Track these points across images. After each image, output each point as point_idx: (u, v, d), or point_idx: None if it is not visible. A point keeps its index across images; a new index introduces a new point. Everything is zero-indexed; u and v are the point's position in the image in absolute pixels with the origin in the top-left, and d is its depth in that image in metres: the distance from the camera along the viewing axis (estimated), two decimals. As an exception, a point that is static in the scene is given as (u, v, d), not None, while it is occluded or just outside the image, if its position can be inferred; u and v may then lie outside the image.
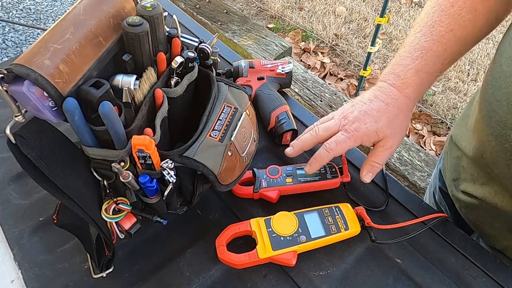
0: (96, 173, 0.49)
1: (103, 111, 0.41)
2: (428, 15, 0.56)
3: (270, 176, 0.62)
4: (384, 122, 0.55)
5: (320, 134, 0.58)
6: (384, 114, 0.55)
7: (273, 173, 0.62)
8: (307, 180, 0.62)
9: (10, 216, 0.59)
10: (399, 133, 0.56)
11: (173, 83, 0.51)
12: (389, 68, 0.58)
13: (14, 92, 0.39)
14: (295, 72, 1.76)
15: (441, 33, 0.54)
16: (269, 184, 0.61)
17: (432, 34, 0.54)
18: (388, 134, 0.55)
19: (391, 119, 0.55)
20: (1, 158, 0.66)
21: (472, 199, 0.60)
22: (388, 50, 2.54)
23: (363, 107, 0.56)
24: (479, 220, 0.63)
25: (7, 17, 2.52)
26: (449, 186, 0.68)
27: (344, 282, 0.53)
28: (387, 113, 0.55)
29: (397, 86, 0.56)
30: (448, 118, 2.09)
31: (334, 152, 0.56)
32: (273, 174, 0.62)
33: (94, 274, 0.53)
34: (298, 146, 0.60)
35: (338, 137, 0.56)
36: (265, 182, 0.61)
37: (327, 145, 0.56)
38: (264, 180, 0.61)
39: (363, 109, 0.56)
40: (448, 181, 0.68)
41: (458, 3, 0.53)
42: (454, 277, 0.53)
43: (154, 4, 0.48)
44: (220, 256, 0.54)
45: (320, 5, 2.84)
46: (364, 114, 0.55)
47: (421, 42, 0.55)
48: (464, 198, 0.62)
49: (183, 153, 0.49)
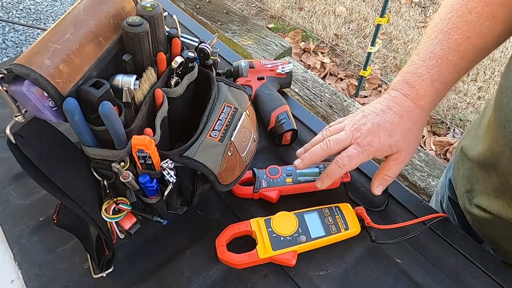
0: (96, 173, 0.49)
1: (103, 111, 0.41)
2: (443, 21, 0.53)
3: (270, 176, 0.62)
4: (398, 136, 0.53)
5: (332, 147, 0.55)
6: (398, 128, 0.53)
7: (273, 173, 0.62)
8: (307, 180, 0.61)
9: (10, 216, 0.59)
10: (413, 146, 0.55)
11: (173, 83, 0.51)
12: (401, 76, 0.55)
13: (14, 92, 0.39)
14: (295, 72, 1.76)
15: (458, 41, 0.51)
16: (269, 184, 0.61)
17: (448, 42, 0.52)
18: (402, 148, 0.53)
19: (405, 132, 0.53)
20: (1, 158, 0.66)
21: (486, 214, 0.58)
22: (388, 50, 2.54)
23: (376, 119, 0.53)
24: (494, 235, 0.61)
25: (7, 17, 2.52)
26: (461, 198, 0.65)
27: (344, 282, 0.53)
28: (402, 126, 0.53)
29: (411, 97, 0.53)
30: (448, 118, 2.09)
31: (346, 168, 0.54)
32: (273, 174, 0.62)
33: (94, 274, 0.53)
34: (308, 159, 0.57)
35: (350, 152, 0.53)
36: (265, 182, 0.61)
37: (339, 161, 0.54)
38: (264, 180, 0.61)
39: (376, 121, 0.53)
40: (460, 192, 0.66)
41: (476, 9, 0.50)
42: (454, 277, 0.53)
43: (154, 4, 0.48)
44: (220, 256, 0.54)
45: (320, 5, 2.84)
46: (378, 127, 0.53)
47: (436, 51, 0.53)
48: (477, 212, 0.60)
49: (183, 153, 0.49)
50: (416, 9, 2.83)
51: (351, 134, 0.54)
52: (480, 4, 0.50)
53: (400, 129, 0.53)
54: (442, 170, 1.55)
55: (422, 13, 2.79)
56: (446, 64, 0.52)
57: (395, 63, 2.45)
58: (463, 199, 0.65)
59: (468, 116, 2.10)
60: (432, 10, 2.79)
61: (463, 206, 0.65)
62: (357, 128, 0.54)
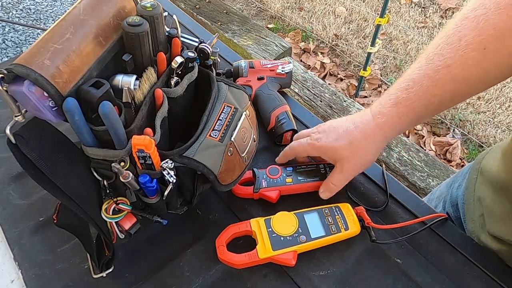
0: (96, 173, 0.49)
1: (103, 111, 0.41)
2: (433, 45, 0.50)
3: (270, 176, 0.62)
4: (344, 142, 0.55)
5: (292, 142, 0.63)
6: (347, 136, 0.55)
7: (273, 173, 0.62)
8: (307, 180, 0.62)
9: (10, 216, 0.59)
10: (358, 161, 0.56)
11: (173, 83, 0.51)
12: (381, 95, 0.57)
13: (14, 92, 0.39)
14: (295, 72, 1.76)
15: (436, 67, 0.48)
16: (269, 184, 0.61)
17: (428, 67, 0.49)
18: (344, 156, 0.55)
19: (351, 142, 0.55)
20: (1, 158, 0.66)
21: (498, 245, 0.56)
22: (388, 50, 2.54)
23: (336, 122, 0.58)
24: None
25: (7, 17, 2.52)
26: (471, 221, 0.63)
27: (344, 282, 0.53)
28: (351, 135, 0.55)
29: (373, 113, 0.54)
30: (448, 118, 2.09)
31: (293, 151, 0.62)
32: (273, 174, 0.62)
33: (94, 274, 0.53)
34: (282, 154, 0.65)
35: (301, 140, 0.61)
36: (265, 182, 0.61)
37: (291, 144, 0.63)
38: (264, 180, 0.61)
39: (334, 124, 0.58)
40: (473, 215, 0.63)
41: (466, 37, 0.46)
42: (454, 277, 0.53)
43: (154, 4, 0.48)
44: (220, 256, 0.54)
45: (320, 5, 2.84)
46: (331, 129, 0.57)
47: (413, 74, 0.51)
48: (488, 242, 0.58)
49: (183, 153, 0.49)
50: (416, 9, 2.83)
51: (312, 129, 0.62)
52: (472, 32, 0.45)
53: (349, 137, 0.55)
54: (441, 170, 1.55)
55: (422, 13, 2.79)
56: (417, 89, 0.50)
57: (395, 63, 2.45)
58: (474, 222, 0.62)
59: (468, 116, 2.10)
60: (432, 10, 2.79)
61: (471, 230, 0.63)
62: (319, 126, 0.61)
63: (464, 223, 0.65)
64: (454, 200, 0.70)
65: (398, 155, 1.59)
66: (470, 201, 0.65)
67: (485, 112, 2.13)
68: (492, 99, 2.19)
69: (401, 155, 1.59)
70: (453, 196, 0.71)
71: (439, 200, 0.75)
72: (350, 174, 0.58)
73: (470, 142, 1.99)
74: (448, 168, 1.57)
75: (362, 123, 0.55)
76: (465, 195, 0.66)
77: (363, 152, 0.55)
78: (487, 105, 2.17)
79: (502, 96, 2.21)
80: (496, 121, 2.08)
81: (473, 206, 0.63)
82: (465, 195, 0.66)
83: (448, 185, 0.75)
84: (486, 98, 2.20)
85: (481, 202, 0.61)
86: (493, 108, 2.15)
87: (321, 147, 0.57)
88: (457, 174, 0.74)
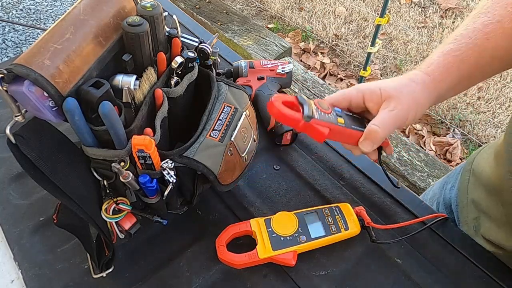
0: (96, 173, 0.49)
1: (103, 111, 0.41)
2: (479, 7, 0.49)
3: (321, 109, 0.48)
4: (390, 84, 0.48)
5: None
6: (394, 80, 0.49)
7: (323, 107, 0.48)
8: (357, 128, 0.50)
9: (10, 216, 0.59)
10: (406, 100, 0.47)
11: (173, 83, 0.51)
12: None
13: (14, 92, 0.39)
14: (295, 72, 1.76)
15: (485, 22, 0.46)
16: (321, 117, 0.47)
17: (475, 23, 0.47)
18: (392, 95, 0.47)
19: (399, 83, 0.48)
20: (1, 158, 0.66)
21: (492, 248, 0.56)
22: (388, 50, 2.54)
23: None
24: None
25: (7, 17, 2.52)
26: (465, 224, 0.63)
27: (344, 282, 0.53)
28: (398, 80, 0.49)
29: (420, 68, 0.50)
30: (448, 118, 2.09)
31: (336, 95, 0.51)
32: (324, 108, 0.48)
33: (94, 274, 0.53)
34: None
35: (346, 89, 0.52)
36: (317, 113, 0.47)
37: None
38: (316, 111, 0.47)
39: (383, 80, 0.51)
40: (466, 218, 0.62)
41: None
42: (454, 277, 0.53)
43: (154, 4, 0.48)
44: (220, 256, 0.54)
45: (320, 5, 2.84)
46: (380, 80, 0.50)
47: (460, 30, 0.48)
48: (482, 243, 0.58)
49: (183, 153, 0.49)
50: (416, 9, 2.83)
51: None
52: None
53: (396, 81, 0.49)
54: (441, 170, 1.55)
55: (422, 13, 2.79)
56: (466, 41, 0.47)
57: (395, 63, 2.45)
58: (468, 225, 0.62)
59: (468, 116, 2.10)
60: (432, 10, 2.79)
61: (465, 232, 0.62)
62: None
63: (458, 225, 0.65)
64: (447, 202, 0.69)
65: (398, 155, 1.59)
66: (464, 203, 0.64)
67: (485, 112, 2.13)
68: (492, 99, 2.19)
69: (401, 155, 1.59)
70: (446, 198, 0.70)
71: (432, 202, 0.75)
72: (398, 113, 0.47)
73: (470, 142, 1.99)
74: (448, 168, 1.57)
75: (409, 74, 0.50)
76: (458, 197, 0.66)
77: (413, 94, 0.48)
78: (487, 105, 2.17)
79: (502, 96, 2.21)
80: (496, 121, 2.08)
81: (467, 209, 0.63)
82: (458, 197, 0.66)
83: (440, 186, 0.74)
84: (486, 98, 2.20)
85: (475, 205, 0.61)
86: (493, 108, 2.15)
87: (367, 88, 0.49)
88: (450, 174, 0.73)
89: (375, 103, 0.49)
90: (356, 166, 0.67)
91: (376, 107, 0.48)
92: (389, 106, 0.47)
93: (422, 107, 0.48)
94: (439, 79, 0.48)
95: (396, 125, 0.48)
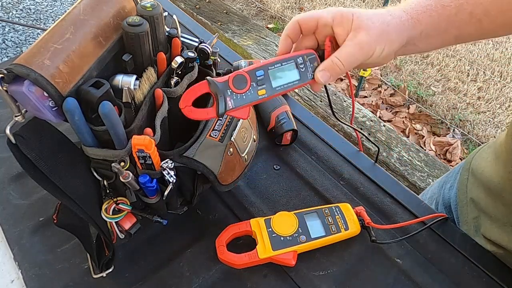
0: (96, 173, 0.49)
1: (103, 111, 0.41)
2: None
3: (237, 91, 0.44)
4: (365, 12, 0.45)
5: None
6: (371, 10, 0.46)
7: (239, 86, 0.44)
8: (286, 87, 0.46)
9: (10, 216, 0.59)
10: (376, 31, 0.44)
11: (173, 83, 0.51)
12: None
13: (14, 92, 0.39)
14: (295, 72, 1.75)
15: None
16: (237, 103, 0.44)
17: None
18: (362, 25, 0.44)
19: (374, 13, 0.45)
20: (1, 158, 0.66)
21: (493, 248, 0.56)
22: (388, 50, 2.54)
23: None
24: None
25: (7, 17, 2.52)
26: (465, 223, 0.63)
27: (344, 282, 0.53)
28: (375, 10, 0.46)
29: (400, 4, 0.47)
30: (448, 118, 2.09)
31: (304, 13, 0.47)
32: (240, 88, 0.44)
33: (94, 274, 0.53)
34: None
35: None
36: (232, 100, 0.44)
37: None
38: (229, 97, 0.44)
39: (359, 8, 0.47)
40: (466, 218, 0.62)
41: None
42: (454, 277, 0.53)
43: (154, 4, 0.48)
44: (220, 256, 0.54)
45: (320, 6, 2.84)
46: (356, 8, 0.47)
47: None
48: (483, 244, 0.58)
49: (183, 153, 0.49)
50: (416, 9, 2.83)
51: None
52: None
53: (372, 11, 0.46)
54: (441, 170, 1.55)
55: (422, 13, 2.79)
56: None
57: (395, 63, 2.45)
58: (468, 225, 0.62)
59: (468, 116, 2.10)
60: (432, 10, 2.79)
61: (465, 232, 0.62)
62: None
63: (458, 225, 0.65)
64: (446, 201, 0.69)
65: (398, 155, 1.59)
66: (463, 203, 0.64)
67: (485, 112, 2.13)
68: (492, 99, 2.19)
69: (401, 155, 1.59)
70: (445, 198, 0.70)
71: (431, 201, 0.74)
72: (363, 48, 0.44)
73: (470, 142, 1.99)
74: (448, 168, 1.57)
75: (389, 7, 0.47)
76: (458, 196, 0.66)
77: (385, 26, 0.45)
78: (487, 105, 2.17)
79: (502, 96, 2.21)
80: (496, 121, 2.08)
81: (466, 208, 0.63)
82: (458, 196, 0.66)
83: (439, 185, 0.74)
84: (486, 98, 2.21)
85: (475, 204, 0.61)
86: (493, 108, 2.15)
87: (338, 11, 0.46)
88: (449, 174, 0.73)
89: (344, 29, 0.45)
90: (356, 166, 0.67)
91: (344, 34, 0.45)
92: (356, 37, 0.44)
93: (390, 44, 0.45)
94: (416, 19, 0.45)
95: (360, 59, 0.45)
